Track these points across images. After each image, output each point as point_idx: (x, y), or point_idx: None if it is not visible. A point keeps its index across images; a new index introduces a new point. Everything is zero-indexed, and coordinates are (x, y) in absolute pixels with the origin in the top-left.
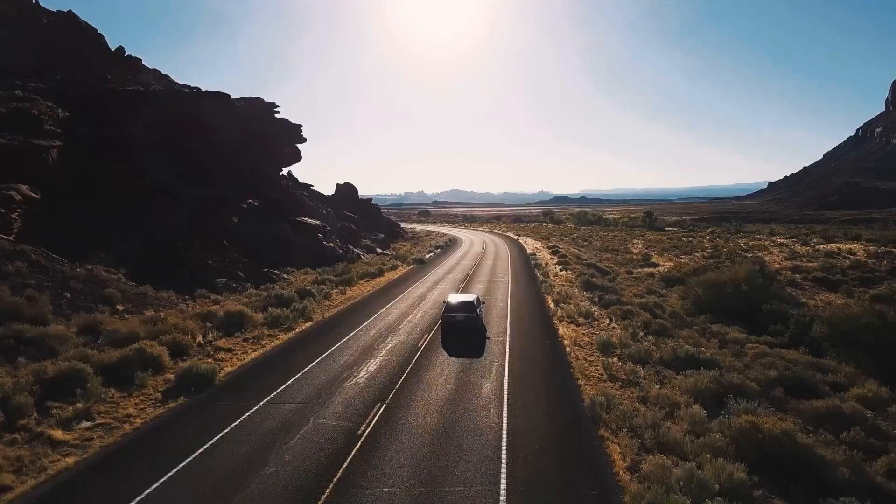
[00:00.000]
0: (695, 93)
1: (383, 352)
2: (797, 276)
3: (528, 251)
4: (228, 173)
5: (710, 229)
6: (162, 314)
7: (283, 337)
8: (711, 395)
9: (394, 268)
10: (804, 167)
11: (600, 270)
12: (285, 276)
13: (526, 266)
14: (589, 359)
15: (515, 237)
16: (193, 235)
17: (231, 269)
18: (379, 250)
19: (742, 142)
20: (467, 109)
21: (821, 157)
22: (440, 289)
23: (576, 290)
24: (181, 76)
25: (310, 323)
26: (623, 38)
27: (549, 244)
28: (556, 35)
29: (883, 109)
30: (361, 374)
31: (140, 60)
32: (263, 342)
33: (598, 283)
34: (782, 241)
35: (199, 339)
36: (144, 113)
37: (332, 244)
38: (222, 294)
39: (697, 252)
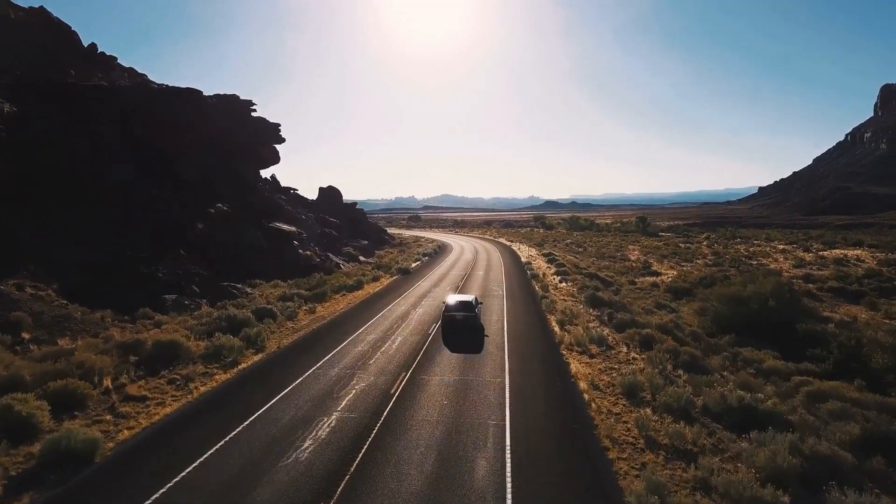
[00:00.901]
0: (683, 100)
1: (343, 403)
2: (811, 286)
3: (523, 259)
4: (198, 175)
5: (705, 234)
6: (77, 344)
7: (221, 377)
8: (797, 475)
9: (376, 279)
10: (794, 172)
11: (603, 281)
12: (249, 290)
13: (522, 277)
14: (614, 410)
15: (508, 243)
16: (151, 243)
17: (186, 282)
18: (362, 258)
19: (730, 147)
20: (458, 115)
21: (810, 161)
22: (426, 306)
23: (580, 306)
24: (173, 81)
25: (261, 355)
26: (611, 46)
27: (544, 251)
28: (545, 43)
29: (872, 115)
30: (307, 444)
31: (115, 59)
32: (193, 384)
33: (604, 297)
34: (782, 246)
35: (108, 382)
36: (107, 110)
37: (308, 252)
38: (169, 314)
39: (698, 259)
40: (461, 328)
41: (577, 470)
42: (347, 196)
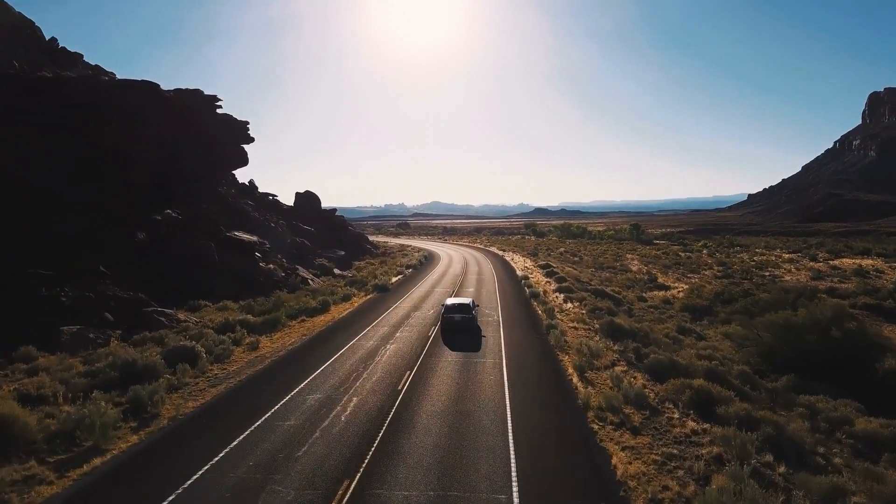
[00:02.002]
0: (670, 110)
1: None
2: (825, 296)
3: (518, 272)
4: (149, 177)
5: (701, 242)
6: None
7: (47, 490)
8: None
9: (346, 298)
10: (783, 179)
11: (612, 299)
12: (183, 317)
13: (519, 295)
14: None
15: (500, 253)
16: (65, 258)
17: (96, 309)
18: (337, 271)
19: (717, 156)
20: (448, 123)
21: (799, 169)
22: (401, 339)
23: (596, 337)
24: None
25: (140, 434)
26: (597, 56)
27: (540, 262)
28: (532, 53)
29: (860, 122)
30: None
31: (81, 56)
32: None
33: (623, 325)
34: (787, 255)
35: None
36: (45, 104)
37: (272, 266)
38: (59, 352)
39: (705, 270)
40: (459, 329)
41: None
42: (337, 204)
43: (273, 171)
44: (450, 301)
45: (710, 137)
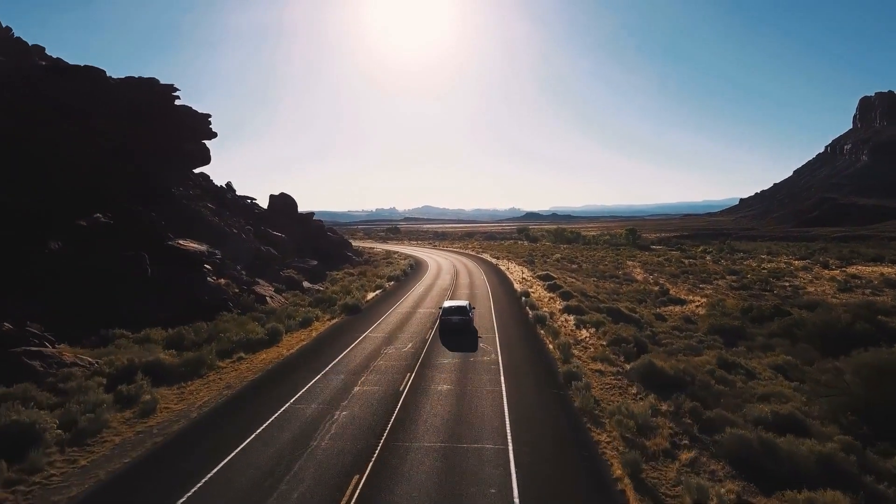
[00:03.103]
0: (658, 116)
1: None
2: (886, 318)
3: (516, 285)
4: (80, 175)
5: (701, 248)
6: None
7: None
8: None
9: (306, 323)
10: (774, 184)
11: (631, 321)
12: (69, 358)
13: (521, 320)
14: None
15: (493, 261)
16: None
17: None
18: (307, 284)
19: (707, 160)
20: (441, 127)
21: (789, 173)
22: (361, 400)
23: (632, 388)
24: None
25: None
26: (586, 63)
27: (538, 272)
28: (524, 60)
29: (851, 127)
30: None
31: (43, 49)
32: None
33: (665, 369)
34: (795, 262)
35: None
36: None
37: (222, 281)
38: None
39: (717, 279)
40: (456, 330)
41: None
42: (328, 208)
43: (266, 176)
44: (447, 304)
45: (699, 142)
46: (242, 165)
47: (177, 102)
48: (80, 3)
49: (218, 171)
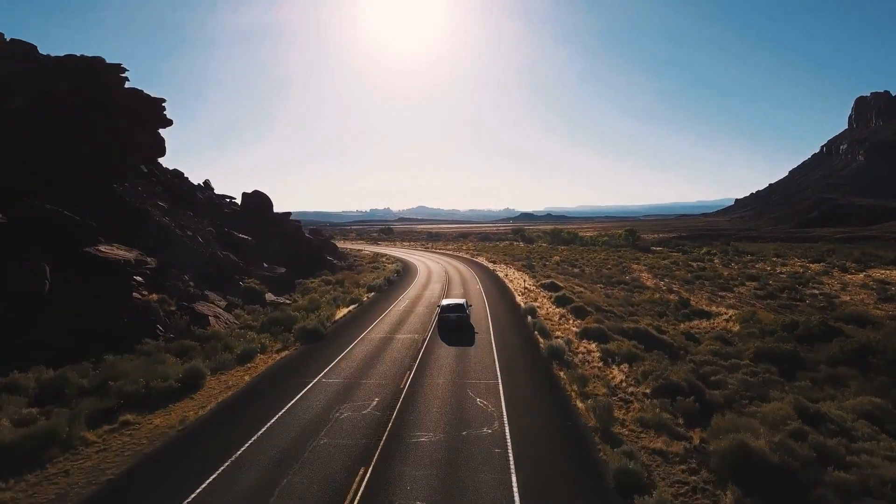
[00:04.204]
0: (651, 116)
1: None
2: None
3: (517, 297)
4: None
5: (704, 250)
6: None
7: None
8: None
9: (246, 358)
10: (770, 184)
11: (664, 346)
12: None
13: (529, 353)
14: None
15: (490, 266)
16: None
17: None
18: (270, 297)
19: (700, 161)
20: (436, 128)
21: (783, 173)
22: None
23: (728, 497)
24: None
25: None
26: (579, 66)
27: (540, 279)
28: (519, 62)
29: (846, 127)
30: None
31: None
32: None
33: (764, 452)
34: (811, 265)
35: None
36: None
37: (156, 297)
38: None
39: (736, 285)
40: (455, 327)
41: None
42: (323, 209)
43: (262, 177)
44: (445, 302)
45: (693, 143)
46: (239, 167)
47: (126, 86)
48: (79, 4)
49: (219, 173)
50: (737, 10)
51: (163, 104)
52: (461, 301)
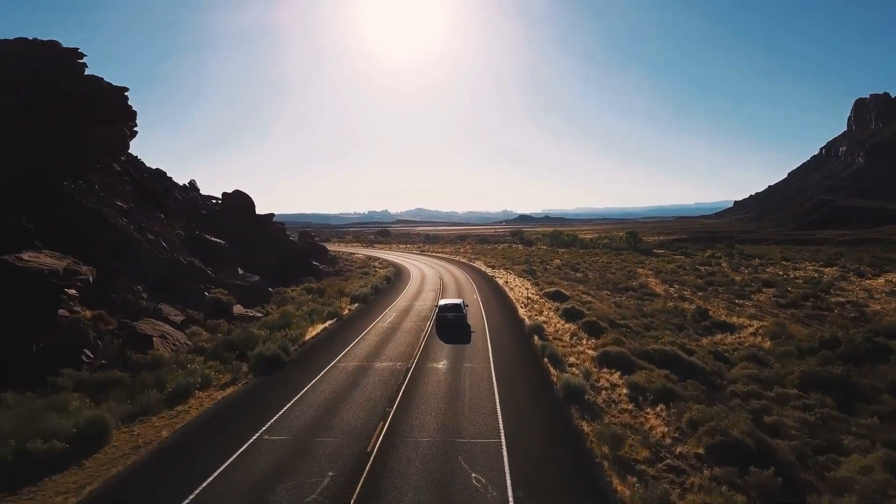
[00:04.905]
0: (648, 119)
1: None
2: None
3: (520, 311)
4: None
5: (709, 252)
6: None
7: None
8: None
9: (180, 397)
10: (769, 186)
11: (696, 371)
12: None
13: (544, 398)
14: None
15: (488, 271)
16: None
17: None
18: (239, 310)
19: (696, 163)
20: (434, 130)
21: (781, 176)
22: None
23: None
24: (153, 93)
25: None
26: (577, 69)
27: (544, 286)
28: (516, 65)
29: (845, 129)
30: None
31: None
32: None
33: None
34: (825, 269)
35: None
36: None
37: (90, 314)
38: None
39: (753, 292)
40: (452, 326)
41: None
42: (321, 210)
43: (260, 180)
44: (443, 302)
45: (689, 145)
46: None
47: (86, 74)
48: (79, 6)
49: (215, 175)
50: (733, 12)
51: (125, 93)
52: (458, 301)
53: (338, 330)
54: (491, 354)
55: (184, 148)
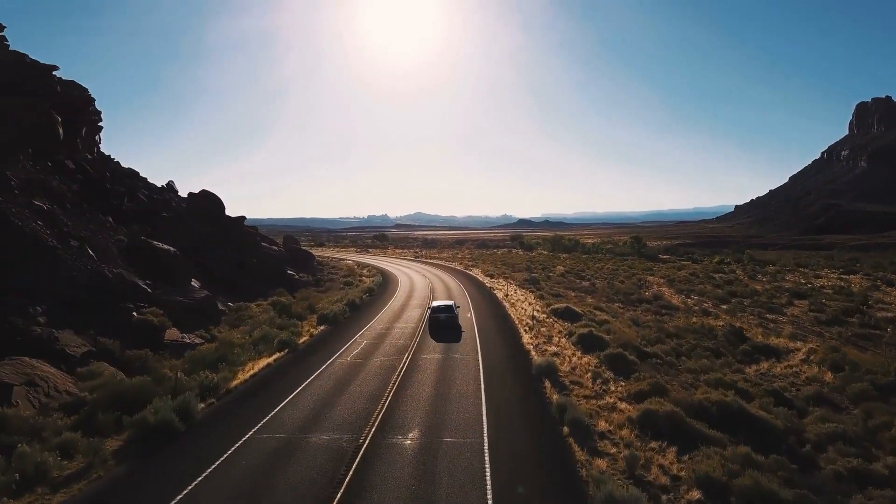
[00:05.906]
0: (650, 125)
1: None
2: None
3: (526, 339)
4: None
5: (716, 259)
6: None
7: None
8: None
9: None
10: (770, 190)
11: (769, 432)
12: None
13: None
14: None
15: (486, 281)
16: None
17: None
18: (171, 336)
19: (695, 168)
20: (434, 134)
21: (780, 181)
22: None
23: None
24: (155, 99)
25: None
26: (577, 73)
27: (551, 299)
28: (515, 70)
29: (847, 133)
30: None
31: None
32: None
33: None
34: (851, 278)
35: None
36: None
37: None
38: None
39: (783, 305)
40: (444, 327)
41: None
42: (320, 214)
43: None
44: (435, 303)
45: (689, 150)
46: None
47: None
48: (80, 8)
49: (216, 180)
50: (732, 16)
51: (87, 94)
52: (450, 303)
53: (285, 367)
54: (485, 414)
55: (183, 154)
